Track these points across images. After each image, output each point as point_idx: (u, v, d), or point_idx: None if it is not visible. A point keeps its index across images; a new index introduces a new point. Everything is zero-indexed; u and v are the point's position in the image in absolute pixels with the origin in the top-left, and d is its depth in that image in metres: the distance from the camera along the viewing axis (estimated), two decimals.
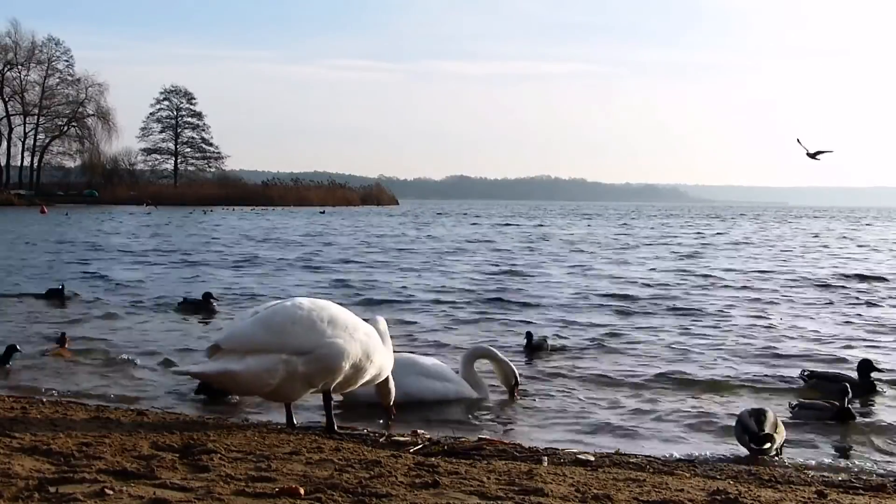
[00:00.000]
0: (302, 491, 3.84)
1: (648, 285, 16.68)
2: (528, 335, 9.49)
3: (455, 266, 21.08)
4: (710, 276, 18.78)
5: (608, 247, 30.28)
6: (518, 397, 7.23)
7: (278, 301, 5.65)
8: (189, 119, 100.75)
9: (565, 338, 10.33)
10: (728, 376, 8.25)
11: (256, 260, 22.18)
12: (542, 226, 51.51)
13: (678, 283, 17.14)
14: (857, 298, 14.90)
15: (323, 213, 71.11)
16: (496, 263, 21.68)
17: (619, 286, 16.36)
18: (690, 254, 26.81)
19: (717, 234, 43.01)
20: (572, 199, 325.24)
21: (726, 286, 16.84)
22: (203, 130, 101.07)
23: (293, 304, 5.45)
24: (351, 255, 24.26)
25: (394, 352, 6.00)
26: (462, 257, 24.22)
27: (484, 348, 7.65)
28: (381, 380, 5.85)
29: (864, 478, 5.21)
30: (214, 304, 11.94)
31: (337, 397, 6.41)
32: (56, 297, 12.77)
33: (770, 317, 12.36)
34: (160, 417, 5.91)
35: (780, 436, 5.69)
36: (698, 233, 43.74)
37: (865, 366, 7.68)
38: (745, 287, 16.59)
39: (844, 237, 41.05)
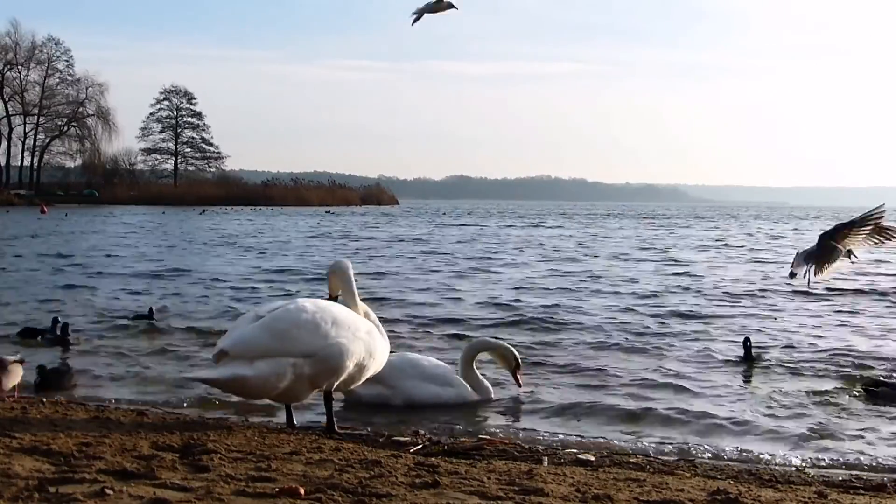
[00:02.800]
0: (302, 491, 3.85)
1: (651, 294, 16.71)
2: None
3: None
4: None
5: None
6: (522, 382, 7.23)
7: (280, 304, 5.68)
8: (189, 119, 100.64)
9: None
10: (732, 377, 8.25)
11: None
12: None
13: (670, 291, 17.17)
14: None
15: (329, 212, 71.06)
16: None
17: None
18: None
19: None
20: (572, 199, 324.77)
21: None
22: (203, 130, 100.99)
23: (296, 308, 5.49)
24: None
25: (395, 352, 6.02)
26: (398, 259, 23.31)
27: (479, 342, 7.57)
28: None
29: (865, 478, 5.20)
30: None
31: (339, 396, 6.42)
32: (143, 320, 11.18)
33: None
34: (160, 417, 5.92)
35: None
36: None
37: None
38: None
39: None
